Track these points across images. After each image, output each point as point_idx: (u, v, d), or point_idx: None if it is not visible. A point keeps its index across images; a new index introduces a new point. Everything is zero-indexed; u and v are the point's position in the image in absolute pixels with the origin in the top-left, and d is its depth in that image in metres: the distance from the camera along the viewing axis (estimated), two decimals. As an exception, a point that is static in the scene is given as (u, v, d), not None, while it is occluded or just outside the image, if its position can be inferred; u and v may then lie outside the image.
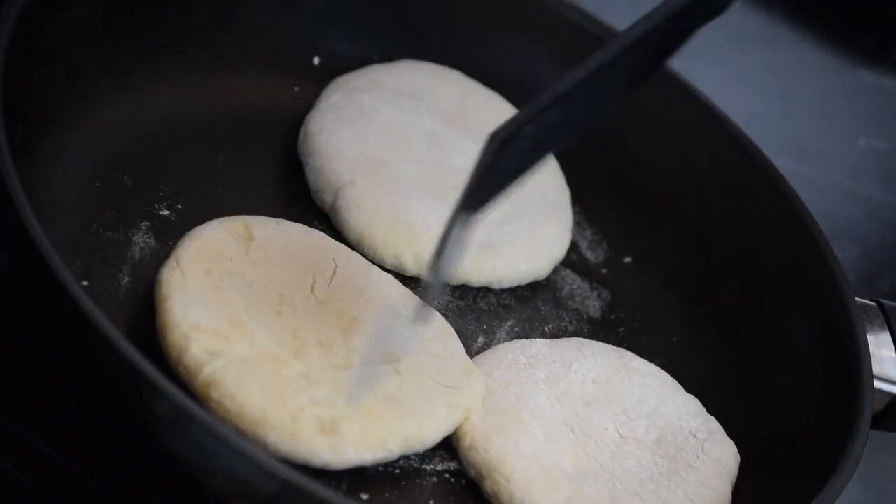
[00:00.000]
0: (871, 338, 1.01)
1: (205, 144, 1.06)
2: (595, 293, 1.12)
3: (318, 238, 0.97)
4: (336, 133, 1.07)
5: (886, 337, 1.02)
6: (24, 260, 0.83)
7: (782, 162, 1.14)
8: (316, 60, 1.16)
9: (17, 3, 0.90)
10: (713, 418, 1.00)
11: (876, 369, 0.99)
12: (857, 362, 0.98)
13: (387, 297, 0.96)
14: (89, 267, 0.92)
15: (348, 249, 0.98)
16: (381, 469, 0.92)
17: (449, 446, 0.95)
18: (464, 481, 0.94)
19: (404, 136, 1.10)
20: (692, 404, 1.01)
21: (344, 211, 1.04)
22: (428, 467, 0.94)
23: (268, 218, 0.97)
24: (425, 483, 0.93)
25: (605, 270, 1.14)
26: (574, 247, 1.14)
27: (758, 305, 1.08)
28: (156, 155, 1.03)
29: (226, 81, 1.10)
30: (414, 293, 0.99)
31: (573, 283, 1.12)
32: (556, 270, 1.12)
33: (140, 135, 1.03)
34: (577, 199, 1.16)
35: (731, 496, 0.97)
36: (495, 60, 1.18)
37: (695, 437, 0.98)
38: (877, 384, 0.99)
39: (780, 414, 1.02)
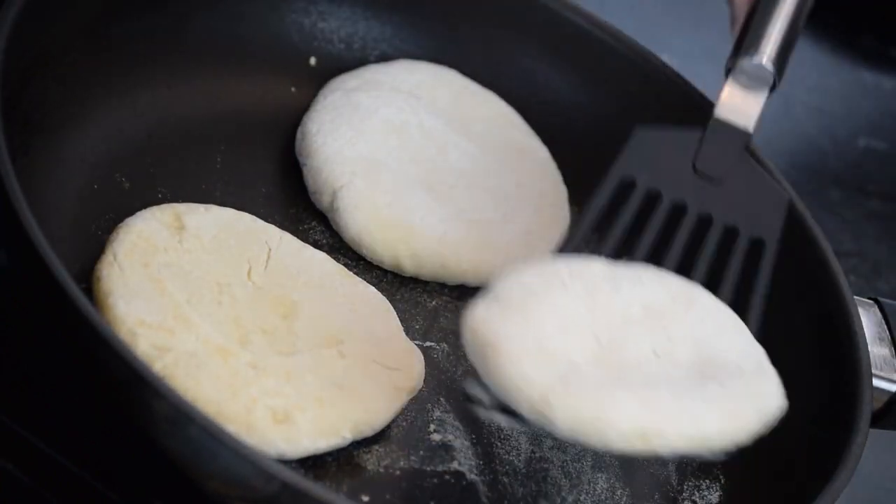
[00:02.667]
0: (870, 337, 1.01)
1: (202, 146, 1.06)
2: (593, 293, 1.12)
3: (248, 221, 0.98)
4: (333, 133, 1.07)
5: (886, 336, 1.02)
6: (24, 262, 0.83)
7: (782, 162, 1.14)
8: (313, 61, 1.16)
9: (16, 4, 0.90)
10: (773, 370, 0.90)
11: (875, 368, 0.99)
12: (856, 361, 0.99)
13: (324, 277, 0.97)
14: (89, 269, 0.92)
15: (279, 230, 0.99)
16: (381, 470, 0.92)
17: (449, 447, 0.95)
18: (464, 482, 0.94)
19: (402, 135, 1.10)
20: (755, 350, 0.90)
21: (342, 212, 1.04)
22: (429, 468, 0.94)
23: (196, 204, 0.97)
24: (426, 484, 0.93)
25: (602, 270, 1.14)
26: (572, 246, 1.14)
27: (757, 305, 1.08)
28: (153, 157, 1.03)
29: (223, 82, 1.10)
30: (349, 270, 1.00)
31: (571, 282, 1.12)
32: (554, 270, 1.12)
33: (137, 136, 1.03)
34: (574, 199, 1.16)
35: (755, 433, 0.87)
36: (493, 61, 1.18)
37: (741, 369, 0.88)
38: (876, 383, 0.99)
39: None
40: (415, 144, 1.10)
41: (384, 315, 0.97)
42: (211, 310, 0.90)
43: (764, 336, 1.06)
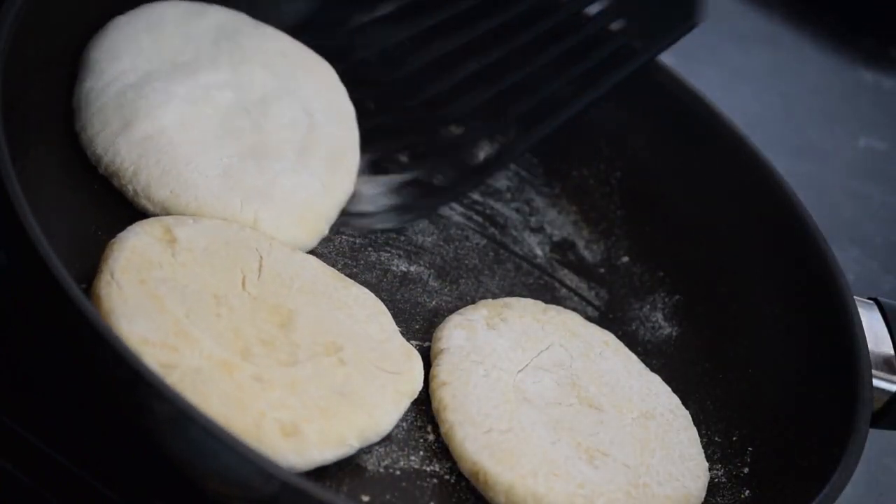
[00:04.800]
0: (869, 336, 1.01)
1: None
2: (593, 293, 1.12)
3: (236, 230, 0.97)
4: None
5: (885, 335, 1.02)
6: (24, 262, 0.83)
7: (782, 162, 1.14)
8: None
9: (16, 4, 0.90)
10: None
11: (875, 368, 0.99)
12: (855, 361, 0.99)
13: (316, 282, 0.97)
14: (88, 269, 0.92)
15: (269, 237, 0.98)
16: (381, 470, 0.92)
17: (449, 449, 0.95)
18: (464, 483, 0.94)
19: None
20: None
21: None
22: (429, 468, 0.94)
23: (184, 217, 0.96)
24: (426, 484, 0.93)
25: (602, 270, 1.14)
26: (572, 246, 1.14)
27: (757, 305, 1.08)
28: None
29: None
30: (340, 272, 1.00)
31: (571, 282, 1.12)
32: (554, 269, 1.12)
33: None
34: (574, 199, 1.16)
35: None
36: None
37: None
38: (876, 382, 0.99)
39: (780, 413, 1.02)
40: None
41: (380, 317, 0.97)
42: (210, 323, 0.90)
43: (764, 337, 1.07)
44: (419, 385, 0.95)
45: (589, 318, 1.08)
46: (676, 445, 0.98)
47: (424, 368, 0.98)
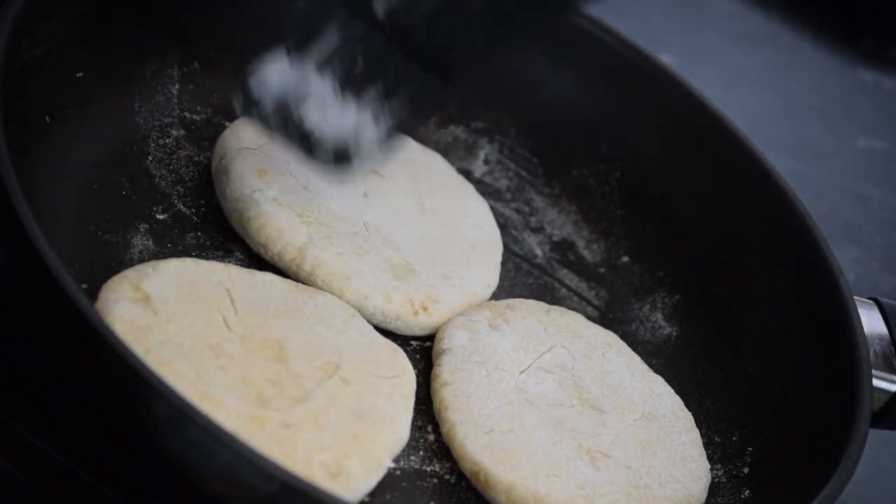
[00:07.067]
0: (869, 336, 1.01)
1: (201, 145, 1.06)
2: (593, 292, 1.12)
3: (192, 266, 0.95)
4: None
5: (885, 335, 1.02)
6: (24, 262, 0.83)
7: (782, 162, 1.14)
8: None
9: (16, 4, 0.90)
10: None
11: (875, 368, 1.00)
12: (855, 360, 0.99)
13: (286, 301, 0.96)
14: (88, 269, 0.92)
15: (222, 265, 0.96)
16: (381, 470, 0.92)
17: (450, 449, 0.95)
18: (464, 483, 0.94)
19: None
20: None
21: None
22: (429, 468, 0.94)
23: (141, 266, 0.94)
24: (426, 484, 0.93)
25: (602, 270, 1.14)
26: (571, 246, 1.14)
27: (757, 305, 1.08)
28: (154, 157, 1.03)
29: (222, 83, 1.09)
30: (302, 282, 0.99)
31: (571, 282, 1.12)
32: (554, 269, 1.12)
33: (137, 136, 1.03)
34: (574, 199, 1.16)
35: None
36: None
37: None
38: (876, 382, 0.99)
39: (780, 413, 1.02)
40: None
41: (353, 320, 0.97)
42: (220, 379, 0.88)
43: (764, 336, 1.07)
44: (413, 381, 0.96)
45: (589, 318, 1.08)
46: (678, 447, 0.98)
47: (426, 369, 0.98)
